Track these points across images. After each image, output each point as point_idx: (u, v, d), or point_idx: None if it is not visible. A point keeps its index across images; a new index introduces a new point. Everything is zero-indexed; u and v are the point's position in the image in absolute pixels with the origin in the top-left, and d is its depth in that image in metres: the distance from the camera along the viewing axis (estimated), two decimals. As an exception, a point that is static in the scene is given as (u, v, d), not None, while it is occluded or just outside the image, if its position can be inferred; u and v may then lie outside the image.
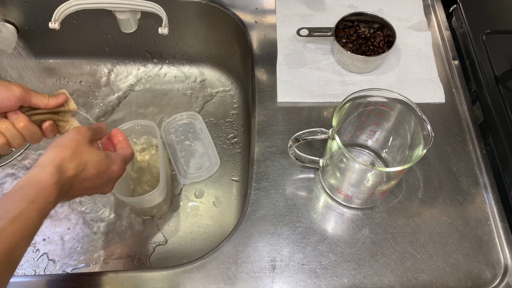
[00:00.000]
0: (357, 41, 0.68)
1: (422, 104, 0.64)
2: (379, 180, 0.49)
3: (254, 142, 0.62)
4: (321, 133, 0.51)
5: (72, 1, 0.63)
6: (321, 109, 0.65)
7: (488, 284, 0.52)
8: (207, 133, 0.79)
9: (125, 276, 0.52)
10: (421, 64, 0.69)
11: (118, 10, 0.66)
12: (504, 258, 0.54)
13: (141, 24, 0.71)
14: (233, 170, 0.77)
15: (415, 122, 0.49)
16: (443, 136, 0.62)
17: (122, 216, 0.72)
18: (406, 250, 0.54)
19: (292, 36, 0.72)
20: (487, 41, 0.68)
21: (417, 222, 0.56)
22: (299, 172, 0.60)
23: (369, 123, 0.55)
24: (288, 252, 0.53)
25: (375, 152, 0.59)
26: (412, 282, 0.52)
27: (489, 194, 0.58)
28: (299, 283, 0.52)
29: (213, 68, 0.89)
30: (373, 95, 0.51)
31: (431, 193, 0.58)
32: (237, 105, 0.84)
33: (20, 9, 0.78)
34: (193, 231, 0.71)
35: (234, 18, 0.75)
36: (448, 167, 0.60)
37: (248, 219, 0.56)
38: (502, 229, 0.55)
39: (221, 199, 0.74)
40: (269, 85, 0.67)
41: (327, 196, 0.58)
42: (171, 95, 0.86)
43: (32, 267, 0.67)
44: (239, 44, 0.79)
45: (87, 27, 0.82)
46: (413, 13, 0.75)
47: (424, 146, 0.47)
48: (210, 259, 0.53)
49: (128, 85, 0.87)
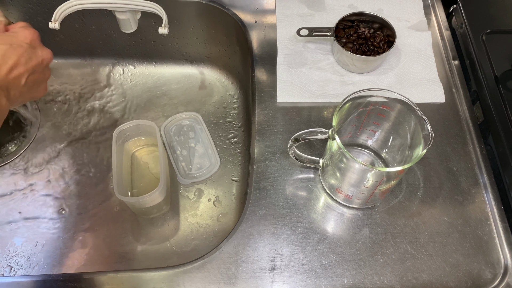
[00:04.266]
0: (357, 41, 0.68)
1: (422, 104, 0.64)
2: (379, 180, 0.49)
3: (254, 142, 0.62)
4: (321, 133, 0.51)
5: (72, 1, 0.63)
6: (321, 109, 0.65)
7: (488, 284, 0.52)
8: (207, 133, 0.79)
9: (125, 276, 0.52)
10: (421, 64, 0.69)
11: (118, 10, 0.66)
12: (504, 258, 0.54)
13: (141, 24, 0.71)
14: (233, 170, 0.77)
15: (415, 122, 0.49)
16: (443, 136, 0.62)
17: (122, 216, 0.72)
18: (406, 250, 0.54)
19: (292, 36, 0.72)
20: (487, 41, 0.68)
21: (417, 222, 0.56)
22: (299, 172, 0.60)
23: (369, 123, 0.55)
24: (288, 252, 0.53)
25: (375, 152, 0.59)
26: (412, 282, 0.52)
27: (489, 194, 0.58)
28: (299, 283, 0.52)
29: (213, 68, 0.89)
30: (373, 95, 0.51)
31: (431, 193, 0.58)
32: (237, 105, 0.84)
33: (20, 9, 0.78)
34: (193, 231, 0.71)
35: (234, 18, 0.75)
36: (448, 167, 0.60)
37: (248, 219, 0.56)
38: (502, 229, 0.55)
39: (221, 199, 0.74)
40: (269, 85, 0.67)
41: (327, 196, 0.58)
42: (171, 95, 0.86)
43: (32, 267, 0.67)
44: (239, 44, 0.79)
45: (87, 27, 0.82)
46: (413, 13, 0.75)
47: (424, 146, 0.47)
48: (210, 259, 0.53)
49: (128, 85, 0.87)
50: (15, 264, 0.68)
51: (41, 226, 0.71)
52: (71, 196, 0.74)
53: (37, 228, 0.71)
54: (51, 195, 0.74)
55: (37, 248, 0.69)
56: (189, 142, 0.79)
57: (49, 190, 0.74)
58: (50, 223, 0.71)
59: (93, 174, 0.76)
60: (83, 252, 0.69)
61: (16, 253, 0.69)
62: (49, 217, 0.72)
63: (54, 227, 0.71)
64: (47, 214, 0.72)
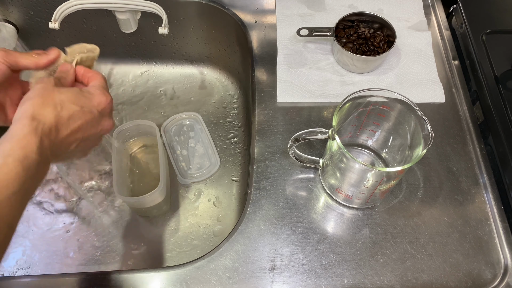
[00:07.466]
0: (357, 41, 0.68)
1: (422, 104, 0.64)
2: (379, 180, 0.49)
3: (254, 142, 0.62)
4: (321, 133, 0.51)
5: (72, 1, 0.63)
6: (321, 109, 0.65)
7: (488, 284, 0.52)
8: (207, 133, 0.79)
9: (125, 276, 0.52)
10: (421, 64, 0.69)
11: (118, 10, 0.66)
12: (504, 258, 0.54)
13: (141, 24, 0.71)
14: (233, 170, 0.77)
15: (415, 122, 0.49)
16: (443, 136, 0.62)
17: (121, 216, 0.72)
18: (406, 250, 0.54)
19: (292, 36, 0.72)
20: (487, 41, 0.68)
21: (417, 222, 0.56)
22: (299, 172, 0.60)
23: (369, 123, 0.55)
24: (288, 252, 0.53)
25: (375, 152, 0.59)
26: (412, 282, 0.52)
27: (489, 194, 0.58)
28: (299, 283, 0.52)
29: (213, 68, 0.89)
30: (373, 95, 0.51)
31: (431, 193, 0.58)
32: (237, 105, 0.84)
33: (20, 9, 0.78)
34: (193, 231, 0.71)
35: (234, 18, 0.75)
36: (448, 167, 0.60)
37: (248, 219, 0.56)
38: (502, 229, 0.55)
39: (221, 199, 0.74)
40: (269, 85, 0.67)
41: (327, 196, 0.58)
42: (171, 95, 0.86)
43: (31, 267, 0.67)
44: (239, 44, 0.79)
45: (87, 27, 0.82)
46: (413, 13, 0.75)
47: (424, 146, 0.47)
48: (210, 259, 0.53)
49: (128, 85, 0.87)
50: (15, 264, 0.68)
51: (40, 226, 0.71)
52: (71, 195, 0.74)
53: (36, 227, 0.71)
54: (50, 195, 0.74)
55: (36, 248, 0.69)
56: (189, 142, 0.79)
57: (48, 190, 0.74)
58: (49, 222, 0.71)
59: (93, 174, 0.76)
60: (83, 252, 0.69)
61: (15, 253, 0.69)
62: (48, 217, 0.72)
63: (53, 226, 0.71)
64: (45, 214, 0.72)
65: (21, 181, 0.37)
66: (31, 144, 0.38)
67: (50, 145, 0.40)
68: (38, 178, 0.39)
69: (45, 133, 0.40)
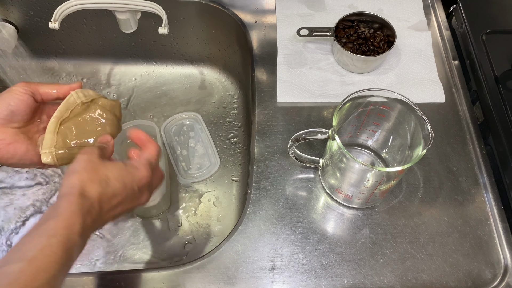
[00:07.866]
0: (357, 41, 0.68)
1: (422, 104, 0.64)
2: (379, 180, 0.49)
3: (254, 142, 0.62)
4: (321, 133, 0.51)
5: (72, 1, 0.63)
6: (321, 109, 0.65)
7: (488, 284, 0.52)
8: (207, 133, 0.79)
9: (125, 276, 0.52)
10: (421, 64, 0.69)
11: (118, 10, 0.66)
12: (504, 258, 0.54)
13: (141, 24, 0.71)
14: (233, 170, 0.77)
15: (415, 122, 0.49)
16: (443, 136, 0.62)
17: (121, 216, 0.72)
18: (406, 250, 0.54)
19: (292, 36, 0.72)
20: (487, 41, 0.68)
21: (417, 222, 0.56)
22: (299, 172, 0.60)
23: (369, 123, 0.55)
24: (288, 252, 0.53)
25: (375, 152, 0.59)
26: (412, 282, 0.52)
27: (489, 194, 0.58)
28: (299, 283, 0.52)
29: (213, 68, 0.89)
30: (373, 95, 0.51)
31: (431, 193, 0.58)
32: (237, 105, 0.84)
33: (20, 9, 0.78)
34: (193, 231, 0.71)
35: (234, 18, 0.75)
36: (448, 167, 0.60)
37: (248, 219, 0.56)
38: (502, 229, 0.55)
39: (221, 199, 0.74)
40: (269, 85, 0.67)
41: (327, 196, 0.58)
42: (171, 95, 0.86)
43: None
44: (239, 44, 0.79)
45: (87, 27, 0.82)
46: (413, 13, 0.75)
47: (424, 146, 0.47)
48: (210, 259, 0.53)
49: (128, 85, 0.87)
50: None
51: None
52: (71, 196, 0.74)
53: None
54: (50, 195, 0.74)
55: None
56: (189, 142, 0.79)
57: (48, 190, 0.74)
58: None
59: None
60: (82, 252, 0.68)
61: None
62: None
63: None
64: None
65: (61, 263, 0.36)
66: (75, 225, 0.38)
67: (91, 223, 0.40)
68: (74, 260, 0.39)
69: (88, 211, 0.40)
